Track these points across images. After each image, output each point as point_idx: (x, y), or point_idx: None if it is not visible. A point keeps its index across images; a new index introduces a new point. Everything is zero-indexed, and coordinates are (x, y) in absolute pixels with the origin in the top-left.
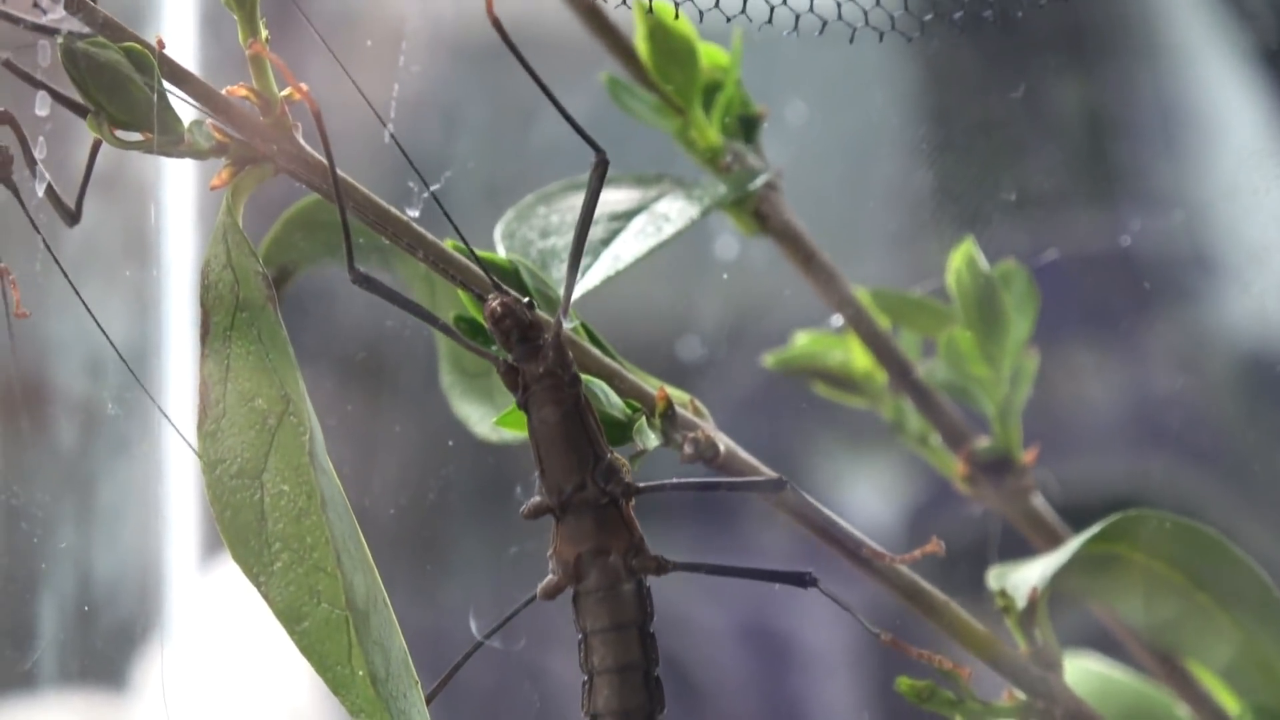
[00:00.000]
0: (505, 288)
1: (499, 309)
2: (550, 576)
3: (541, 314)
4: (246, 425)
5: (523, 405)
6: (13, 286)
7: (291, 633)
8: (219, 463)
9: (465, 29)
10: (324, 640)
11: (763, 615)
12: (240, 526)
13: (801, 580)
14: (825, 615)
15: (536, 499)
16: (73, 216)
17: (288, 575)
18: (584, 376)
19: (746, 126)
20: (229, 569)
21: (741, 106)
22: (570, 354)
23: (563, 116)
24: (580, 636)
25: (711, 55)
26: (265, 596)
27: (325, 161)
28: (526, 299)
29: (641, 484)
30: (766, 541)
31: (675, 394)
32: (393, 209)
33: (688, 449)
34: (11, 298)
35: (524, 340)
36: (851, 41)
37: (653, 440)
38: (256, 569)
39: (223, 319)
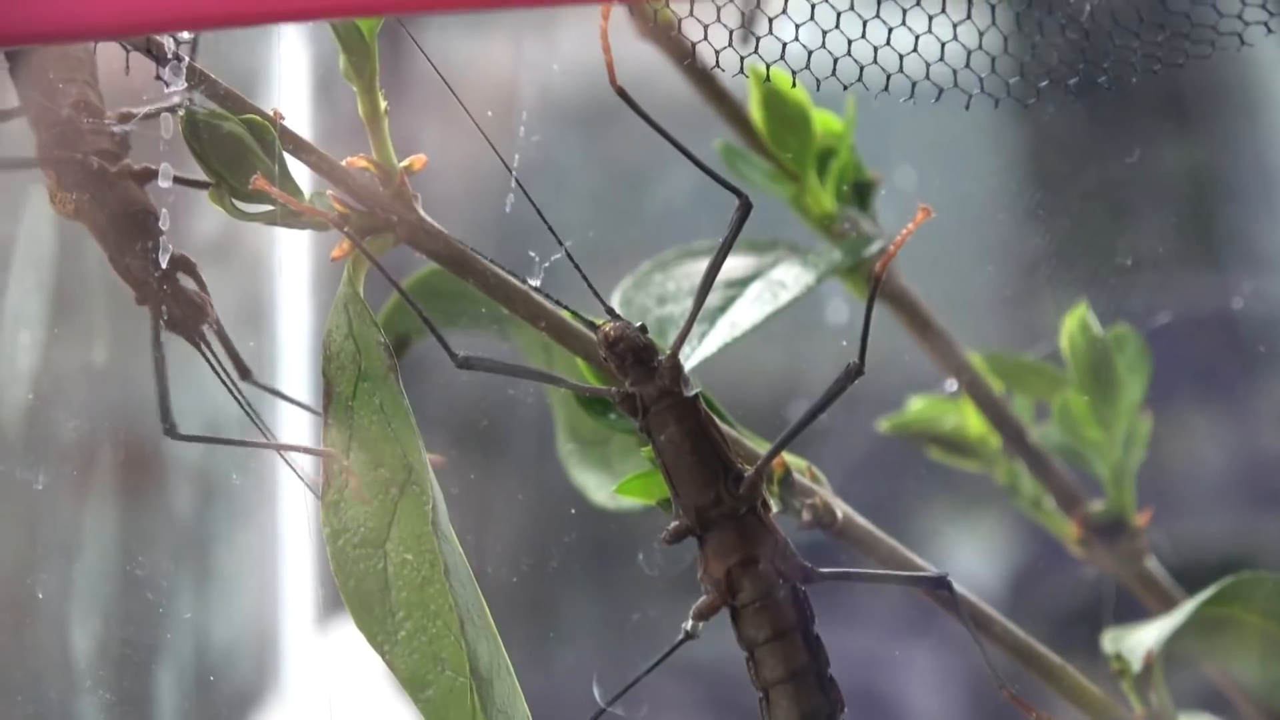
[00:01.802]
0: (617, 313)
1: (613, 333)
2: (703, 597)
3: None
4: (370, 494)
5: (645, 430)
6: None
7: (416, 700)
8: (343, 532)
9: (578, 97)
10: (448, 708)
11: (870, 678)
12: (364, 595)
13: (938, 583)
14: (931, 678)
15: (675, 523)
16: (245, 371)
17: (412, 643)
18: None
19: (860, 192)
20: (346, 635)
21: (855, 173)
22: (685, 371)
23: (699, 167)
24: (746, 654)
25: (825, 122)
26: (390, 664)
27: (444, 231)
28: (639, 324)
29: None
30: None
31: (793, 460)
32: (512, 278)
33: (806, 515)
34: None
35: (639, 363)
36: (968, 108)
37: (772, 506)
38: (381, 637)
39: (345, 389)
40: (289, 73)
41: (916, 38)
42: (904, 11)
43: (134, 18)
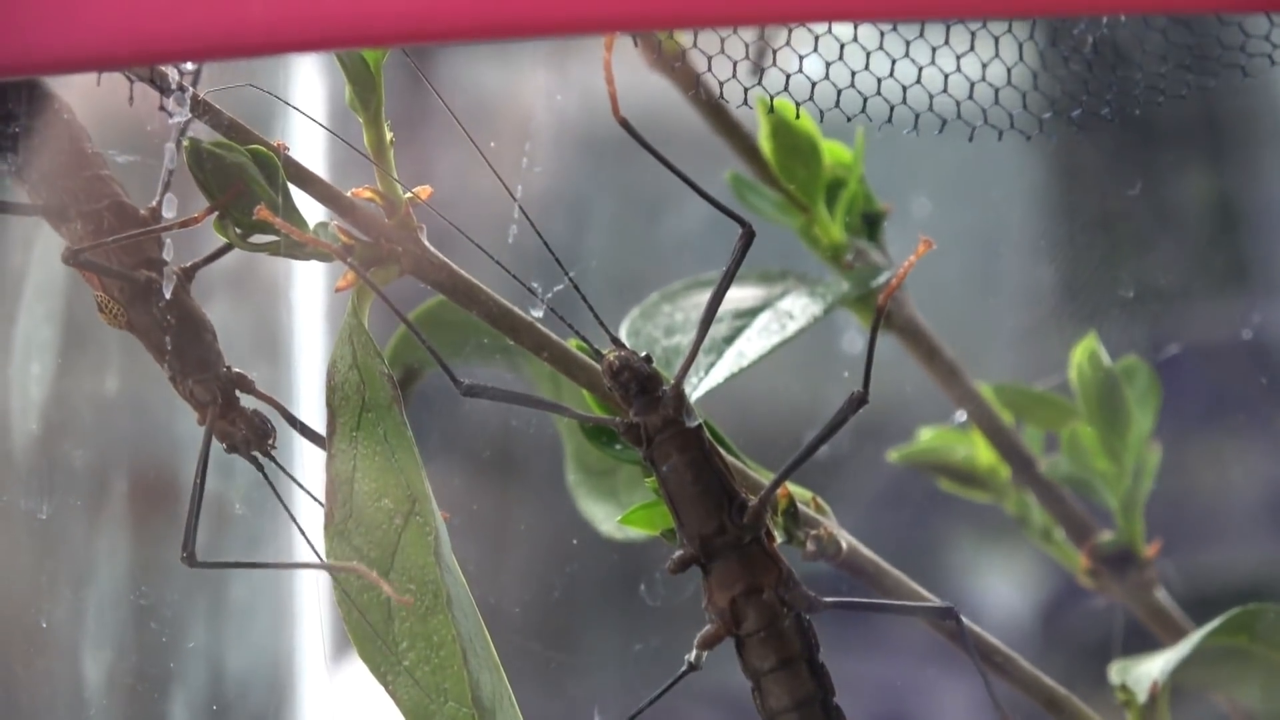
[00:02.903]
0: (622, 342)
1: (616, 362)
2: (708, 627)
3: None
4: (374, 525)
5: (649, 459)
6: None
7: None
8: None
9: (588, 128)
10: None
11: (886, 709)
12: (368, 626)
13: (944, 614)
14: (945, 709)
15: (679, 553)
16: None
17: (415, 673)
18: None
19: (869, 223)
20: (358, 667)
21: (865, 203)
22: (690, 401)
23: (702, 197)
24: (752, 684)
25: (834, 153)
26: (392, 695)
27: (449, 263)
28: (644, 354)
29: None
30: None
31: (798, 491)
32: (516, 309)
33: (810, 546)
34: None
35: (643, 392)
36: (971, 140)
37: (776, 536)
38: (384, 668)
39: (349, 419)
40: (303, 103)
41: (919, 69)
42: (907, 44)
43: (138, 48)
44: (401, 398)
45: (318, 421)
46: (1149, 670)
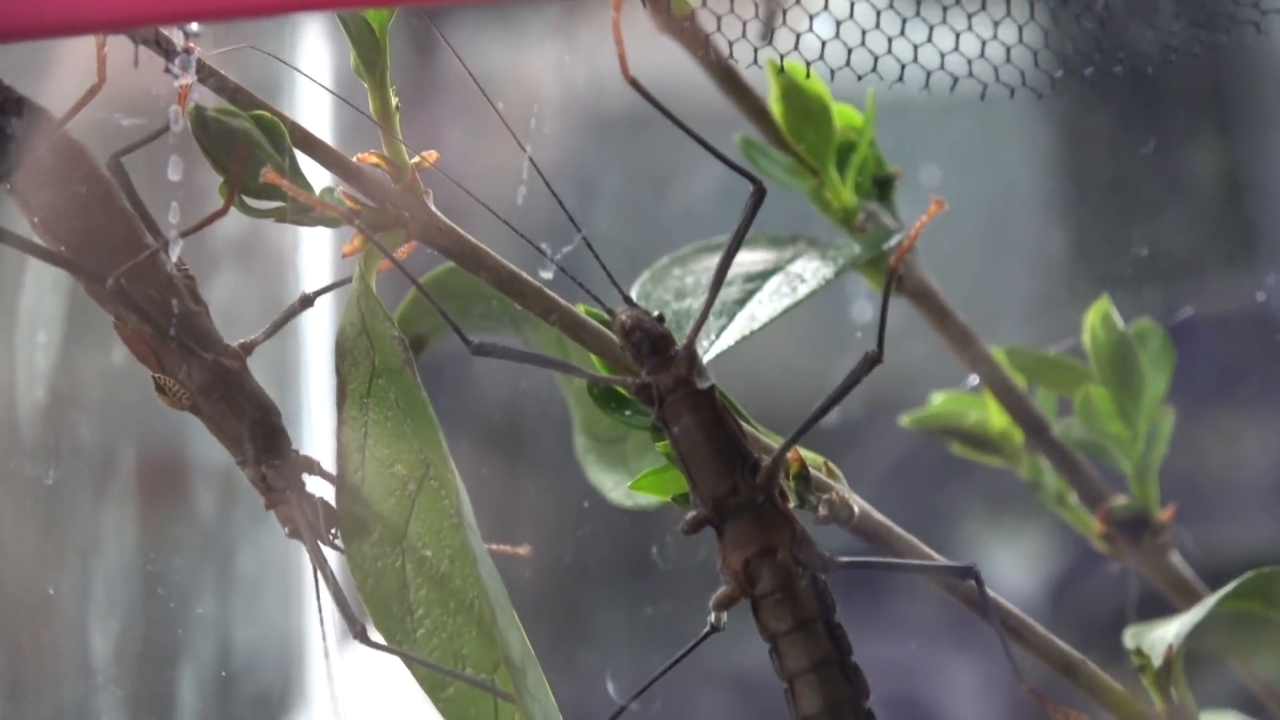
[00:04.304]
0: (634, 302)
1: (628, 321)
2: (723, 589)
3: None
4: (387, 492)
5: (660, 420)
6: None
7: (435, 700)
8: (359, 531)
9: (597, 95)
10: (468, 706)
11: (900, 685)
12: (382, 594)
13: (964, 574)
14: (958, 682)
15: (692, 514)
16: (360, 631)
17: (431, 641)
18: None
19: (880, 186)
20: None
21: (876, 166)
22: (703, 361)
23: (713, 154)
24: (769, 645)
25: (845, 115)
26: (407, 664)
27: (456, 228)
28: (656, 314)
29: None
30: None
31: (809, 456)
32: (524, 274)
33: (822, 510)
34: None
35: (655, 352)
36: (983, 98)
37: (789, 498)
38: (399, 636)
39: (359, 386)
40: (309, 68)
41: (930, 28)
42: (918, 3)
43: (141, 10)
44: (414, 361)
45: (325, 389)
46: (1164, 635)
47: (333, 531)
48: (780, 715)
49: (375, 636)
